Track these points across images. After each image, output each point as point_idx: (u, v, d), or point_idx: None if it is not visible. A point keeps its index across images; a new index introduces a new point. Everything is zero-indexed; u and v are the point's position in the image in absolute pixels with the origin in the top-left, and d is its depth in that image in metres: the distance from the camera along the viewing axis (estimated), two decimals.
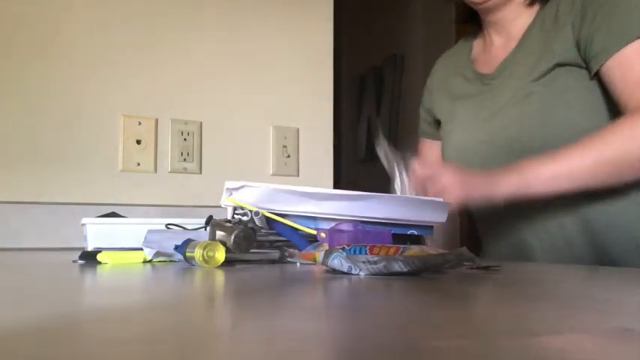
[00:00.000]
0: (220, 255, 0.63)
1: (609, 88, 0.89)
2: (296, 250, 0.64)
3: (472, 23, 1.10)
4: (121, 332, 0.27)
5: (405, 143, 3.51)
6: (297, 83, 1.51)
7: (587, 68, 0.91)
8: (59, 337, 0.25)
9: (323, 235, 0.64)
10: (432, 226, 0.74)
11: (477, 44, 1.10)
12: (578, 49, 0.91)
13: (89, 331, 0.27)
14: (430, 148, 1.17)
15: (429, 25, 3.10)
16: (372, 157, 3.44)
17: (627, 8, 0.88)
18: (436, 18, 3.14)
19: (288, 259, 0.69)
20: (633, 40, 0.86)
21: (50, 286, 0.47)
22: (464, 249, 0.55)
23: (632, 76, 0.86)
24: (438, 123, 1.14)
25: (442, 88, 1.13)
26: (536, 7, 0.98)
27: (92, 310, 0.34)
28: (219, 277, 0.53)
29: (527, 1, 0.98)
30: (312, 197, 0.68)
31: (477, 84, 1.04)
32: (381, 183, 0.98)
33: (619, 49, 0.86)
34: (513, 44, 1.00)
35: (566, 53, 0.92)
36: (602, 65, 0.88)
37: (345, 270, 0.51)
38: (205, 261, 0.61)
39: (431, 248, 0.57)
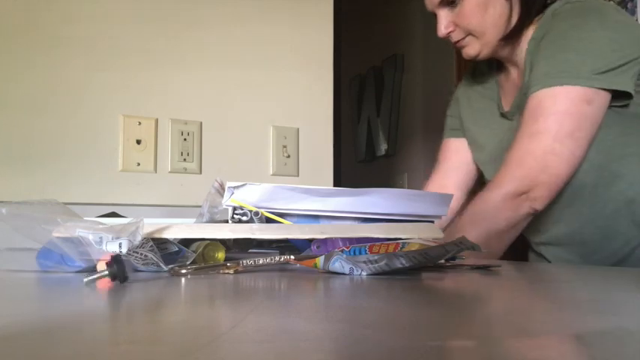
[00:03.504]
0: (220, 255, 0.63)
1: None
2: (292, 256, 0.64)
3: None
4: (121, 332, 0.27)
5: (405, 143, 3.51)
6: (297, 83, 1.51)
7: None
8: (59, 337, 0.25)
9: (317, 247, 0.63)
10: (432, 222, 0.74)
11: (502, 72, 1.10)
12: None
13: (90, 331, 0.27)
14: (457, 148, 1.18)
15: (429, 25, 3.10)
16: (372, 157, 3.45)
17: (566, 49, 0.87)
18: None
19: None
20: (551, 86, 0.86)
21: (52, 284, 0.47)
22: (463, 237, 0.55)
23: (523, 130, 0.89)
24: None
25: (467, 105, 1.16)
26: (528, 34, 0.97)
27: (93, 310, 0.34)
28: (219, 276, 0.53)
29: (502, 43, 0.98)
30: (314, 194, 0.68)
31: (500, 118, 1.06)
32: (380, 183, 0.98)
33: (536, 90, 0.88)
34: (523, 77, 0.99)
35: None
36: (527, 97, 0.90)
37: (347, 272, 0.51)
38: (205, 260, 0.61)
39: (430, 240, 0.57)
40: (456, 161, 1.18)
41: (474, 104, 1.14)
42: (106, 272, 0.45)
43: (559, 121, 0.86)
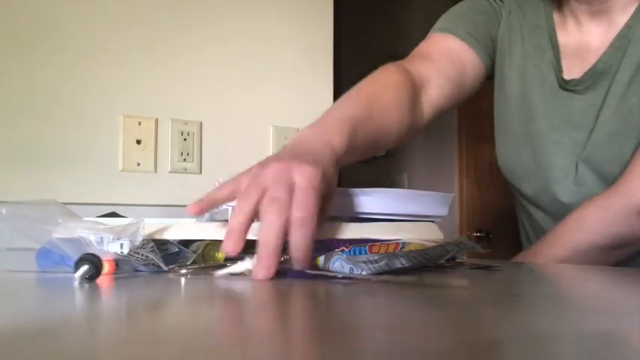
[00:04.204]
0: (220, 255, 0.63)
1: None
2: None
3: None
4: (121, 332, 0.27)
5: (405, 143, 3.50)
6: (297, 83, 1.51)
7: None
8: (59, 337, 0.25)
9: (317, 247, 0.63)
10: (432, 222, 0.74)
11: (557, 17, 0.84)
12: None
13: (90, 331, 0.27)
14: (460, 52, 0.88)
15: (429, 25, 3.10)
16: (372, 157, 3.45)
17: None
18: (436, 18, 3.14)
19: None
20: None
21: (52, 284, 0.47)
22: (463, 237, 0.55)
23: None
24: (491, 47, 0.90)
25: (520, 36, 0.88)
26: None
27: (93, 310, 0.34)
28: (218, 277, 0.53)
29: None
30: None
31: (554, 82, 0.83)
32: (380, 183, 0.97)
33: None
34: (611, 36, 0.78)
35: None
36: None
37: (347, 272, 0.51)
38: (205, 261, 0.61)
39: (430, 241, 0.57)
40: (454, 70, 0.87)
41: (526, 39, 0.86)
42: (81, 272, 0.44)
43: None
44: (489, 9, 0.91)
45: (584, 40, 0.81)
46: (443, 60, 0.88)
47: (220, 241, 0.64)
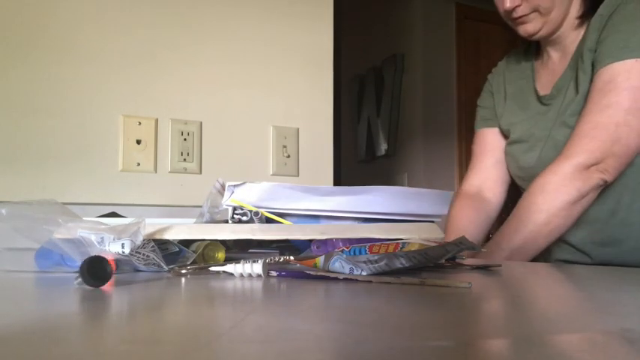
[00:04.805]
0: (220, 255, 0.63)
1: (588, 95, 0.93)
2: (291, 257, 0.64)
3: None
4: (121, 332, 0.27)
5: (405, 143, 3.51)
6: (297, 83, 1.51)
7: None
8: (59, 337, 0.25)
9: (318, 247, 0.63)
10: (432, 222, 0.74)
11: (538, 58, 1.12)
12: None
13: (90, 331, 0.27)
14: (492, 139, 1.19)
15: (429, 25, 3.10)
16: (372, 157, 3.45)
17: (634, 27, 0.90)
18: (436, 18, 3.14)
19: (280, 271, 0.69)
20: (624, 59, 0.88)
21: (52, 284, 0.47)
22: (463, 237, 0.55)
23: (599, 101, 0.89)
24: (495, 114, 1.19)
25: (502, 92, 1.18)
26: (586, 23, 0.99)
27: (93, 310, 0.34)
28: (219, 276, 0.53)
29: (577, 23, 0.99)
30: (314, 192, 0.68)
31: (536, 102, 1.07)
32: (380, 183, 0.97)
33: (608, 63, 0.90)
34: (567, 60, 1.01)
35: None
36: (596, 72, 0.91)
37: (347, 272, 0.51)
38: (205, 261, 0.61)
39: (430, 241, 0.57)
40: (494, 155, 1.19)
41: (508, 90, 1.16)
42: (80, 280, 0.44)
43: (632, 95, 0.87)
44: (487, 87, 1.23)
45: (550, 65, 1.07)
46: (488, 157, 1.20)
47: (220, 241, 0.64)
